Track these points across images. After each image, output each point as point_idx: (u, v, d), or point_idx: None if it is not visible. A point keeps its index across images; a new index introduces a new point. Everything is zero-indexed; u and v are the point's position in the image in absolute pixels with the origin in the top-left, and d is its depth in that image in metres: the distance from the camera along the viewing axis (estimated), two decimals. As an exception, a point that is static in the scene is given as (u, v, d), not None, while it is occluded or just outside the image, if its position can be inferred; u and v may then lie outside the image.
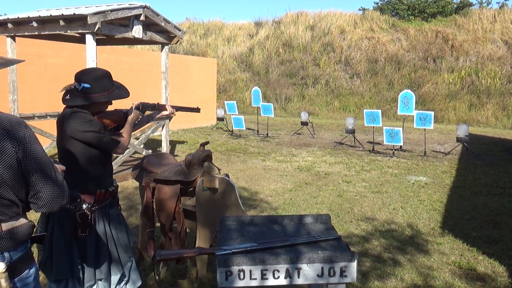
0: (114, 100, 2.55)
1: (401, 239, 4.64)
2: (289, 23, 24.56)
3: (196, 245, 3.04)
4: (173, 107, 3.06)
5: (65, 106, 2.48)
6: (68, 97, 2.46)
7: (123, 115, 2.71)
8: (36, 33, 6.63)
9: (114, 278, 2.52)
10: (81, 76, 2.42)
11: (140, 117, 2.83)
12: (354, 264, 2.01)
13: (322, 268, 1.99)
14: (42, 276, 3.15)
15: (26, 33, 6.80)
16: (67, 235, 2.36)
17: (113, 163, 7.30)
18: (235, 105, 13.36)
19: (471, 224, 5.17)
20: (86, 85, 2.39)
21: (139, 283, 2.69)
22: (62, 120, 2.42)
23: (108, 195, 2.52)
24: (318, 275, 2.00)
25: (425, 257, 4.17)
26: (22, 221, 1.66)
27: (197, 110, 3.26)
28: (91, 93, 2.41)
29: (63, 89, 2.52)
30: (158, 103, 3.02)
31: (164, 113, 3.03)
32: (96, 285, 2.44)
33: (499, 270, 3.91)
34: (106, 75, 2.50)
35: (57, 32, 6.49)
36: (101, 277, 2.44)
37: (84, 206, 2.33)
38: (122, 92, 2.56)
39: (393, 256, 4.17)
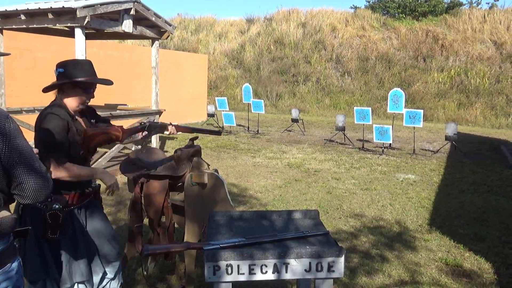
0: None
1: (389, 236, 4.68)
2: (280, 20, 24.54)
3: (185, 240, 3.03)
4: (191, 129, 2.85)
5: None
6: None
7: (122, 133, 2.54)
8: (24, 26, 6.54)
9: (96, 278, 2.47)
10: (60, 63, 2.35)
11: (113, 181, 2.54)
12: (341, 260, 2.01)
13: (310, 263, 2.00)
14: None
15: (14, 26, 6.71)
16: (38, 235, 2.28)
17: (102, 158, 7.19)
18: (225, 102, 13.33)
19: (458, 222, 5.23)
20: (61, 69, 2.31)
21: (121, 282, 2.66)
22: (37, 119, 2.34)
23: (85, 196, 2.45)
24: (306, 270, 2.00)
25: (413, 254, 4.20)
26: (4, 213, 1.64)
27: (218, 133, 3.12)
28: (65, 76, 2.32)
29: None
30: (170, 124, 2.79)
31: (166, 132, 2.82)
32: (75, 287, 2.37)
33: (485, 267, 3.96)
34: (85, 62, 2.42)
35: (46, 25, 6.41)
36: (80, 279, 2.35)
37: (55, 206, 2.26)
38: (105, 80, 2.46)
39: (381, 252, 4.20)
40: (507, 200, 6.28)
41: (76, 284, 2.37)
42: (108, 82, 2.47)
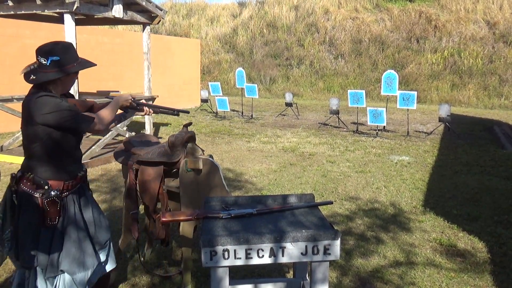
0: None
1: (384, 218, 4.71)
2: (272, 3, 24.29)
3: (181, 227, 3.04)
4: (152, 106, 2.87)
5: (31, 86, 2.32)
6: (33, 76, 2.27)
7: (91, 106, 2.57)
8: (12, 12, 6.43)
9: (87, 270, 2.40)
10: (48, 50, 2.27)
11: (127, 104, 2.65)
12: (337, 242, 2.03)
13: (306, 246, 2.01)
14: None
15: (1, 13, 6.59)
16: (34, 223, 2.26)
17: (95, 145, 7.17)
18: (219, 86, 13.25)
19: (452, 202, 5.27)
20: (55, 58, 2.25)
21: (114, 266, 2.63)
22: (28, 106, 2.25)
23: (78, 180, 2.42)
24: (302, 254, 2.02)
25: (407, 235, 4.24)
26: None
27: (175, 113, 3.02)
28: (63, 65, 2.26)
29: (24, 71, 2.34)
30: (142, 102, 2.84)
31: (140, 113, 2.83)
32: (59, 277, 2.32)
33: (479, 246, 4.01)
34: (72, 45, 2.39)
35: (34, 11, 6.30)
36: (64, 268, 2.31)
37: (52, 193, 2.25)
38: (88, 62, 2.41)
39: (376, 234, 4.24)
40: (499, 180, 6.34)
41: (61, 272, 2.31)
42: (93, 64, 2.45)
